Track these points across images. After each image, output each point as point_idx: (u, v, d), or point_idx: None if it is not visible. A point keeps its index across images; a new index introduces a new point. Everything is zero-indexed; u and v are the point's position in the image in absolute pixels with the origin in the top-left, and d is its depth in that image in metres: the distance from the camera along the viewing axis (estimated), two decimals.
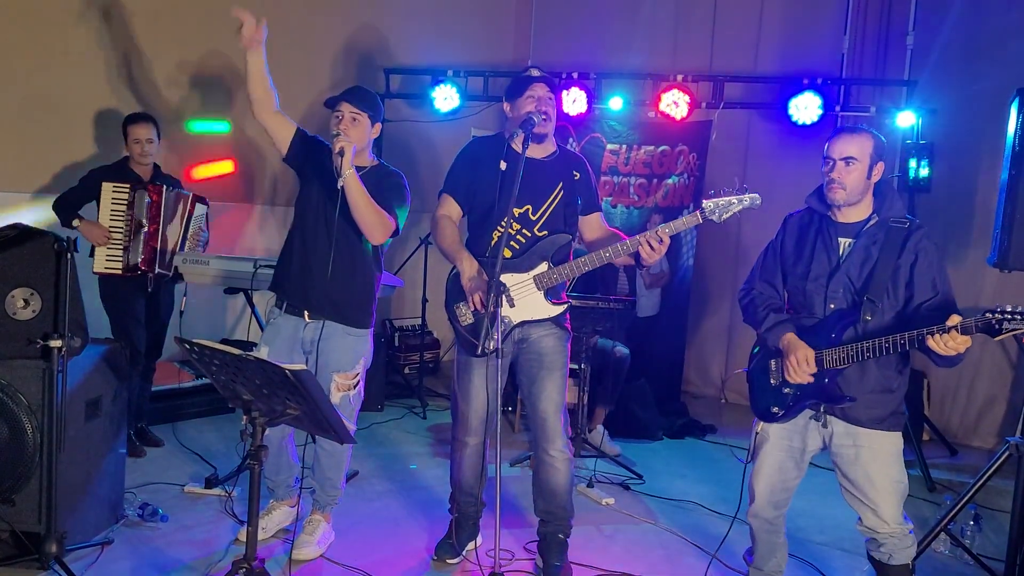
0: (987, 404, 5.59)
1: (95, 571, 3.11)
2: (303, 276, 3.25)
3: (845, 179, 2.66)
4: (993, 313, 2.37)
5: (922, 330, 2.45)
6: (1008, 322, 2.35)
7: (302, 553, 3.31)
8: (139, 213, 4.26)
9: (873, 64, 5.97)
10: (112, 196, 4.25)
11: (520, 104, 3.12)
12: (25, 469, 3.04)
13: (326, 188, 3.17)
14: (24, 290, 3.03)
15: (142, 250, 4.26)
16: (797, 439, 2.79)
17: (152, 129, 4.35)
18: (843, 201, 2.68)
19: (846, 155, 2.66)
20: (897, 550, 2.71)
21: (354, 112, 3.20)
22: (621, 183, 6.06)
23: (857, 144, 2.66)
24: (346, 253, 3.21)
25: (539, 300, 3.11)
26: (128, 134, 4.33)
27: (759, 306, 2.83)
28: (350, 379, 3.31)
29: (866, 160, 2.65)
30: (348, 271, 3.24)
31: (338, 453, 3.39)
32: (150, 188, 4.29)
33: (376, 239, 3.18)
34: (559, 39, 7.16)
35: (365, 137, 3.24)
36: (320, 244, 3.22)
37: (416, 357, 6.32)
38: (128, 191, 4.27)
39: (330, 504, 3.48)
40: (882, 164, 2.70)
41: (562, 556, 3.25)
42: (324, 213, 3.21)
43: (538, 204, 3.14)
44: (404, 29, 6.73)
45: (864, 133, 2.70)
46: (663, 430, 5.44)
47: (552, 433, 3.16)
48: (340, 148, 3.00)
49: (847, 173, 2.65)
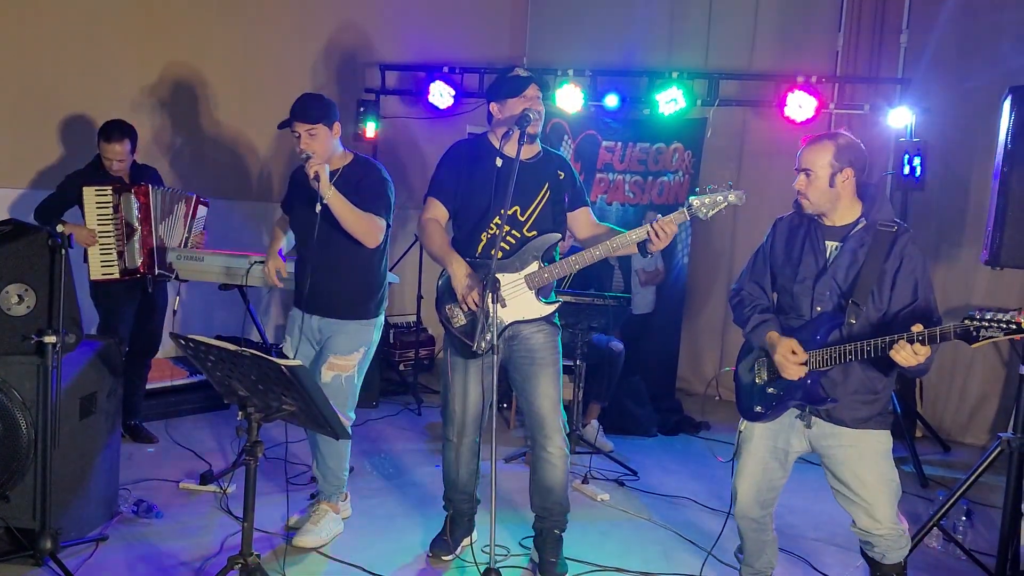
0: (979, 401, 5.62)
1: (90, 567, 3.10)
2: (305, 279, 3.37)
3: (806, 190, 2.67)
4: (971, 319, 2.37)
5: (887, 338, 2.46)
6: (986, 329, 2.36)
7: (303, 541, 3.35)
8: (128, 216, 4.20)
9: (867, 62, 5.99)
10: (96, 200, 4.16)
11: (513, 104, 3.12)
12: (20, 465, 3.04)
13: (308, 204, 3.24)
14: (18, 286, 3.02)
15: (140, 253, 4.22)
16: (781, 439, 2.80)
17: (127, 145, 4.23)
18: (810, 211, 2.70)
19: (803, 166, 2.68)
20: (891, 550, 2.71)
21: (308, 128, 3.24)
22: (616, 180, 6.07)
23: (813, 154, 2.66)
24: (335, 255, 3.33)
25: (530, 300, 3.12)
26: (101, 150, 4.22)
27: (746, 306, 2.85)
28: (344, 360, 3.38)
29: (825, 170, 2.64)
30: (344, 271, 3.37)
31: (337, 442, 3.39)
32: (136, 190, 4.22)
33: (371, 244, 3.30)
34: (554, 36, 7.16)
35: (328, 145, 3.31)
36: (311, 252, 3.34)
37: (411, 354, 6.33)
38: (111, 193, 4.19)
39: (335, 494, 3.51)
40: (850, 170, 2.65)
41: (558, 552, 3.26)
42: (309, 225, 3.26)
43: (526, 205, 3.14)
44: (399, 25, 6.73)
45: (824, 141, 2.68)
46: (657, 427, 5.45)
47: (550, 430, 3.17)
48: (315, 173, 3.07)
49: (807, 184, 2.67)
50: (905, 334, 2.43)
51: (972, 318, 2.37)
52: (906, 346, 2.41)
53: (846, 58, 6.04)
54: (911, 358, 2.42)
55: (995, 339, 2.36)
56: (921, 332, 2.40)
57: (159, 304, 4.50)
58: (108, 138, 4.21)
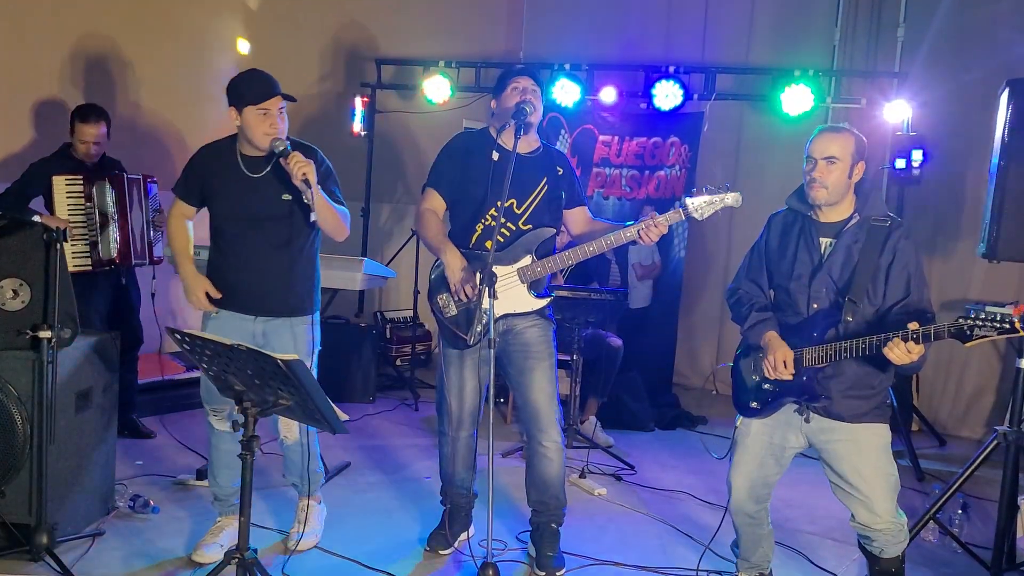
0: (976, 395, 5.63)
1: (86, 562, 3.10)
2: (239, 280, 3.09)
3: (827, 179, 2.66)
4: (965, 319, 2.38)
5: (881, 336, 2.47)
6: (979, 328, 2.36)
7: (303, 544, 3.26)
8: (103, 205, 4.11)
9: (864, 56, 5.99)
10: (66, 190, 4.04)
11: (505, 97, 3.12)
12: (15, 461, 3.03)
13: (232, 197, 3.05)
14: (13, 281, 3.01)
15: (115, 244, 4.16)
16: (778, 435, 2.80)
17: (103, 127, 4.16)
18: (824, 201, 2.68)
19: (828, 154, 2.65)
20: (890, 544, 2.71)
21: (281, 103, 2.98)
22: (613, 175, 6.06)
23: (839, 143, 2.66)
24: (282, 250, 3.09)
25: (522, 293, 3.12)
26: (76, 132, 4.12)
27: (744, 304, 2.86)
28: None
29: (848, 160, 2.66)
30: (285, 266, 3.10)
31: (303, 445, 3.20)
32: (110, 179, 4.14)
33: (341, 236, 3.13)
34: (551, 30, 7.14)
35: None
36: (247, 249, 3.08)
37: (408, 349, 6.32)
38: (82, 183, 4.09)
39: (316, 488, 3.36)
40: (863, 164, 2.69)
41: (555, 546, 3.26)
42: (247, 218, 3.05)
43: (523, 198, 3.14)
44: (395, 20, 6.70)
45: (846, 132, 2.71)
46: (655, 421, 5.46)
47: (546, 423, 3.17)
48: (304, 176, 2.82)
49: (828, 172, 2.65)
50: (899, 332, 2.43)
51: (967, 317, 2.37)
52: (900, 344, 2.42)
53: (843, 52, 6.04)
54: (904, 356, 2.44)
55: (989, 338, 2.37)
56: (916, 331, 2.40)
57: (134, 295, 4.44)
58: (85, 119, 4.12)
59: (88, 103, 4.22)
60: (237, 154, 3.08)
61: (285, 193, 3.03)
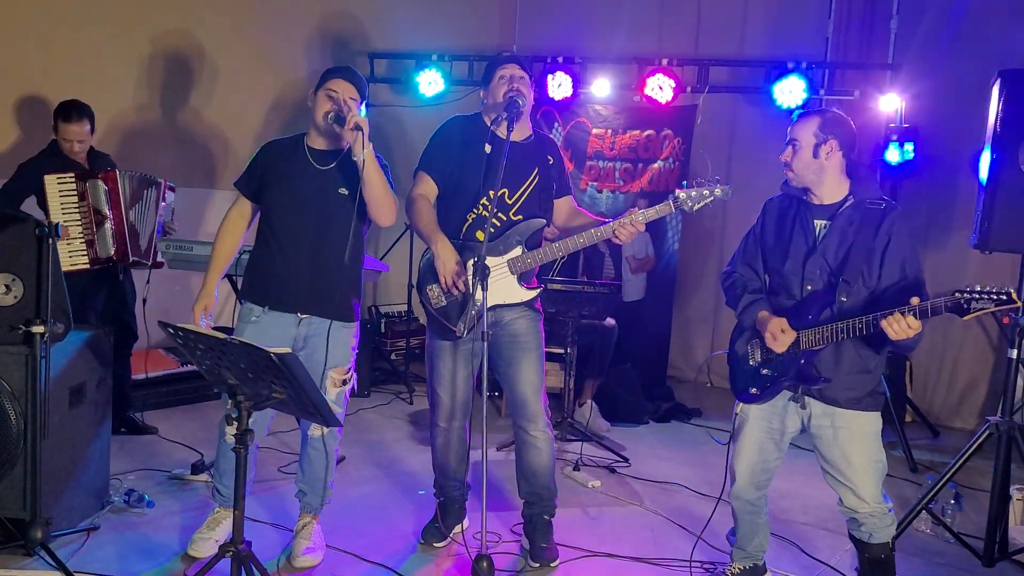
0: (969, 386, 5.66)
1: (81, 557, 3.09)
2: (285, 274, 3.08)
3: (792, 161, 2.74)
4: (962, 293, 2.41)
5: (879, 313, 2.49)
6: (976, 301, 2.39)
7: (307, 560, 3.15)
8: (96, 203, 4.09)
9: (857, 48, 6.00)
10: (59, 189, 4.01)
11: (493, 87, 3.11)
12: (9, 456, 3.03)
13: (289, 183, 3.07)
14: (5, 276, 3.00)
15: (112, 241, 4.14)
16: (776, 420, 2.82)
17: (86, 125, 4.12)
18: (795, 183, 2.77)
19: (789, 138, 2.76)
20: (877, 529, 2.74)
21: (353, 96, 3.05)
22: (607, 168, 6.06)
23: (799, 126, 2.75)
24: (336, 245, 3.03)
25: (512, 284, 3.10)
26: (60, 131, 4.09)
27: (737, 287, 2.89)
28: (344, 375, 3.20)
29: (809, 141, 2.70)
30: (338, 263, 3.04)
31: (327, 448, 3.21)
32: (103, 176, 4.11)
33: (388, 219, 3.03)
34: (544, 23, 7.13)
35: None
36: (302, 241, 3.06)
37: (402, 343, 6.33)
38: (74, 181, 4.06)
39: (320, 506, 3.29)
40: (834, 142, 2.69)
41: (548, 537, 3.26)
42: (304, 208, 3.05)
43: (514, 188, 3.12)
44: (388, 13, 6.69)
45: (810, 115, 2.76)
46: (649, 414, 5.47)
47: (532, 413, 3.16)
48: (356, 123, 2.84)
49: (792, 156, 2.74)
50: (899, 308, 2.45)
51: (962, 291, 2.41)
52: (900, 319, 2.44)
53: (836, 44, 6.05)
54: (904, 331, 2.45)
55: (986, 310, 2.40)
56: (913, 306, 2.43)
57: (129, 292, 4.43)
58: (67, 118, 4.09)
59: (69, 100, 4.15)
60: (305, 147, 3.13)
61: (343, 187, 3.04)
